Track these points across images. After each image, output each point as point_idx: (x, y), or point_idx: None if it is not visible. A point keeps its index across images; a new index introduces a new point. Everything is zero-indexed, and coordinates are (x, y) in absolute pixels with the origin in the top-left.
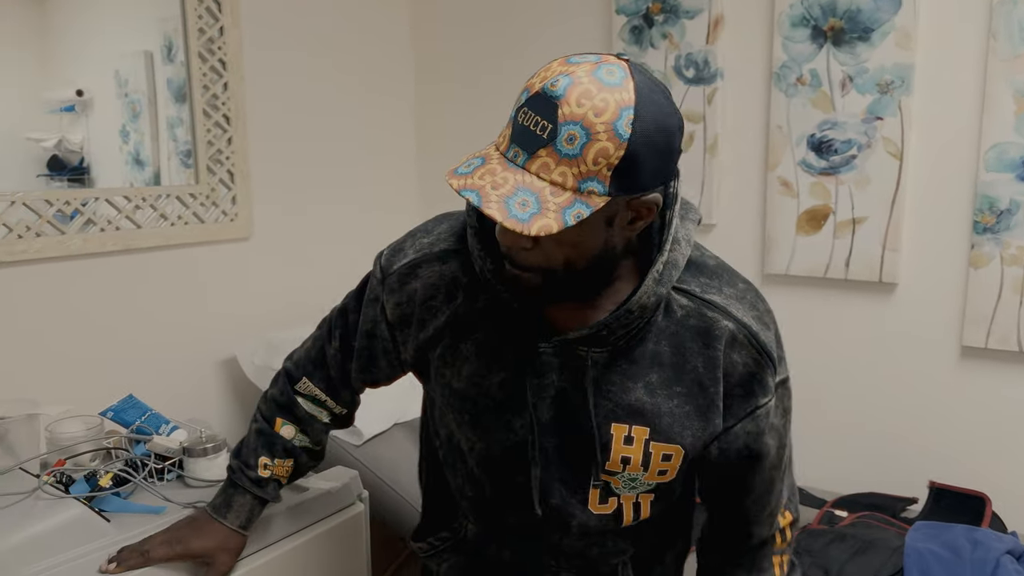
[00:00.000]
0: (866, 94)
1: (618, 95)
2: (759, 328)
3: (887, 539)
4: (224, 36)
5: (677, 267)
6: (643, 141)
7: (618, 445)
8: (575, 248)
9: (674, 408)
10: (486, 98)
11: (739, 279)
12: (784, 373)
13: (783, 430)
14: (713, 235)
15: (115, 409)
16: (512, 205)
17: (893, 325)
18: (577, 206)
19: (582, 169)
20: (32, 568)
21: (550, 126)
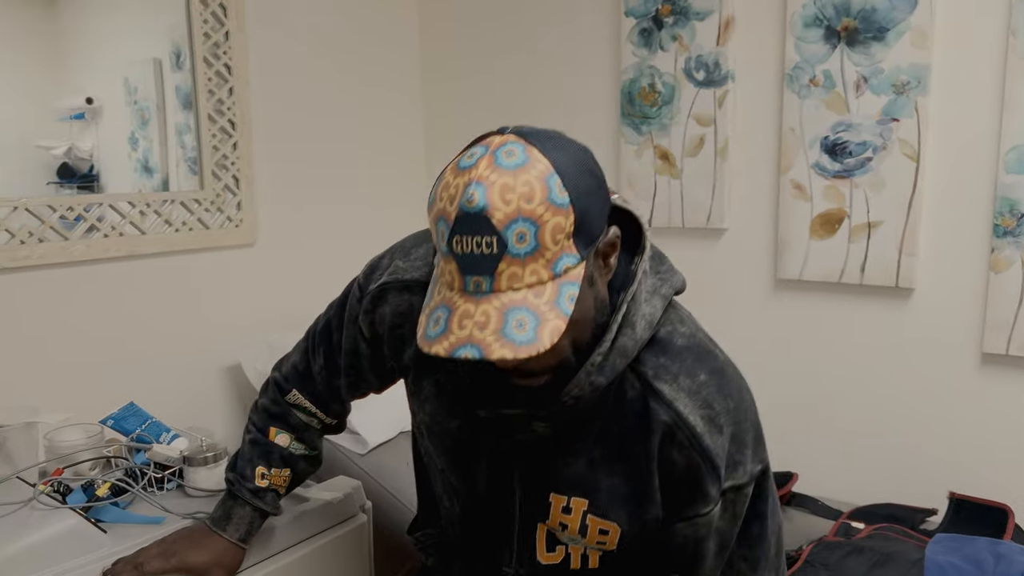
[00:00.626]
0: (881, 95)
1: (534, 170)
2: (705, 430)
3: (906, 552)
4: (229, 41)
5: (626, 354)
6: (581, 193)
7: (556, 512)
8: (576, 326)
9: (613, 487)
10: (495, 97)
11: (705, 368)
12: (741, 478)
13: (729, 533)
14: (724, 240)
15: (116, 417)
16: (511, 333)
17: (910, 331)
18: (565, 290)
19: (548, 256)
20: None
21: (494, 238)
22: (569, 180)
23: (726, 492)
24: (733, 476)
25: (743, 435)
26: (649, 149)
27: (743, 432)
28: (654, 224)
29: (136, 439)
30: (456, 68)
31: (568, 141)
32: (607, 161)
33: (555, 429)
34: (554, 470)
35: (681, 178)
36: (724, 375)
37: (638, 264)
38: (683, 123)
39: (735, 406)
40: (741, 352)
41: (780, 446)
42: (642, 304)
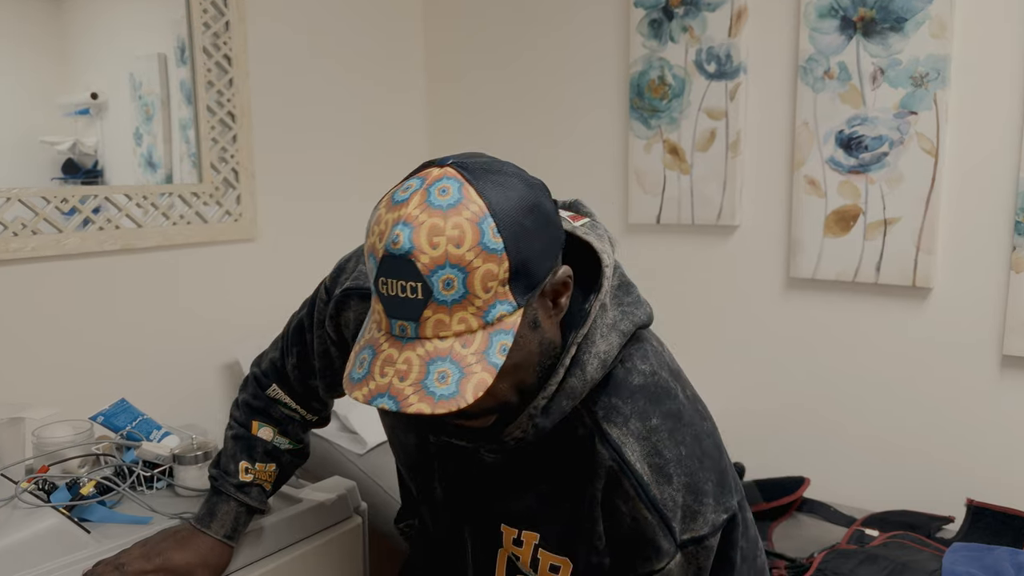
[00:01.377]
0: (899, 88)
1: (467, 211)
2: (652, 480)
3: (922, 561)
4: (229, 31)
5: (574, 396)
6: (518, 237)
7: (508, 543)
8: (518, 370)
9: (564, 522)
10: (500, 93)
11: (659, 410)
12: (701, 529)
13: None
14: (735, 238)
15: (106, 414)
16: (432, 385)
17: (927, 333)
18: (496, 340)
19: (478, 304)
20: None
21: (419, 284)
22: (506, 223)
23: (685, 545)
24: (692, 528)
25: (699, 484)
26: (658, 143)
27: (699, 481)
28: (663, 221)
29: (126, 436)
30: (461, 61)
31: (514, 176)
32: (615, 156)
33: (505, 460)
34: (504, 502)
35: (691, 173)
36: (679, 419)
37: (593, 305)
38: (693, 117)
39: (687, 453)
40: (752, 353)
41: (791, 450)
42: (597, 341)
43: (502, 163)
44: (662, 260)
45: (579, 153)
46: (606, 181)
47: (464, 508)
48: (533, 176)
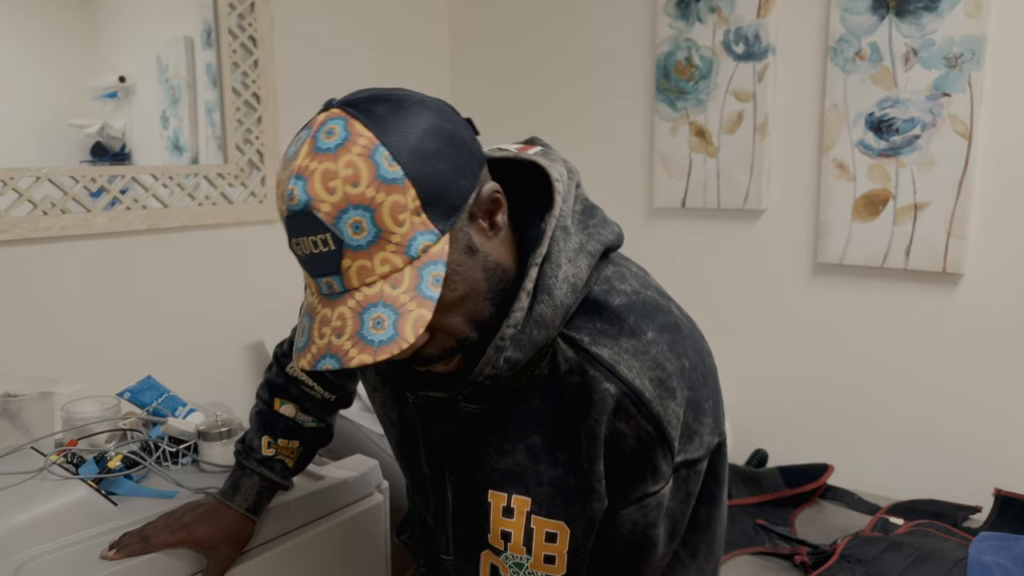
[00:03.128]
0: (932, 69)
1: (356, 147)
2: (655, 395)
3: (947, 550)
4: (255, 12)
5: (545, 324)
6: (419, 161)
7: (496, 516)
8: (467, 301)
9: (557, 478)
10: (524, 75)
11: (653, 325)
12: (696, 451)
13: (681, 516)
14: (762, 222)
15: (132, 390)
16: (369, 334)
17: (958, 319)
18: (427, 272)
19: (396, 240)
20: (32, 550)
21: (327, 235)
22: (401, 150)
23: (679, 468)
24: (687, 449)
25: (701, 401)
26: (684, 126)
27: (701, 398)
28: (688, 205)
29: (152, 412)
30: (486, 42)
31: (404, 100)
32: (640, 139)
33: (488, 412)
34: (491, 462)
35: (718, 156)
36: (678, 331)
37: (548, 223)
38: (721, 99)
39: (691, 366)
40: (778, 339)
41: (816, 437)
42: (563, 265)
43: (395, 90)
44: (687, 245)
45: (604, 135)
46: (631, 164)
47: (450, 477)
48: (435, 98)
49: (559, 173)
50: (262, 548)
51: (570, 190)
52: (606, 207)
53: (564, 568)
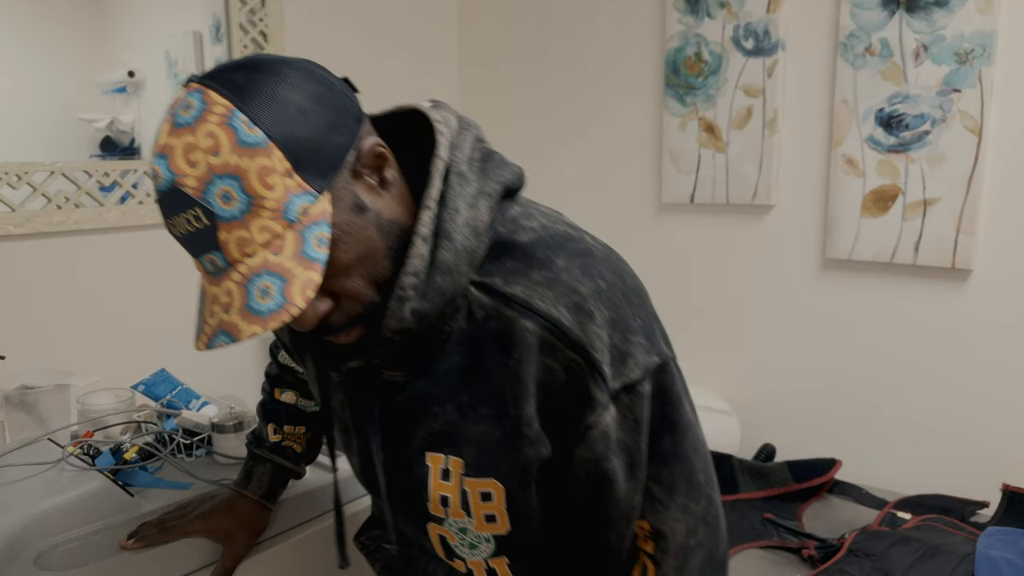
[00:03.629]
0: (942, 64)
1: (213, 116)
2: (574, 320)
3: (955, 544)
4: (266, 7)
5: (449, 270)
6: (281, 122)
7: (436, 480)
8: (364, 261)
9: (482, 434)
10: (533, 71)
11: (563, 253)
12: (632, 373)
13: (636, 447)
14: (770, 217)
15: (146, 383)
16: (256, 305)
17: (966, 315)
18: (310, 234)
19: (271, 206)
20: (51, 540)
21: (198, 209)
22: (260, 112)
23: (618, 395)
24: (622, 373)
25: (626, 319)
26: (694, 121)
27: (625, 316)
28: (697, 200)
29: (166, 405)
30: (494, 49)
31: (265, 64)
32: (649, 134)
33: (411, 378)
34: (423, 426)
35: (727, 152)
36: (590, 255)
37: (435, 164)
38: (730, 94)
39: (608, 286)
40: (786, 334)
41: (824, 431)
42: (461, 210)
43: (257, 56)
44: (696, 240)
45: (613, 131)
46: (640, 160)
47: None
48: (300, 58)
49: (443, 117)
50: (276, 539)
51: (464, 138)
52: (615, 202)
53: (507, 525)
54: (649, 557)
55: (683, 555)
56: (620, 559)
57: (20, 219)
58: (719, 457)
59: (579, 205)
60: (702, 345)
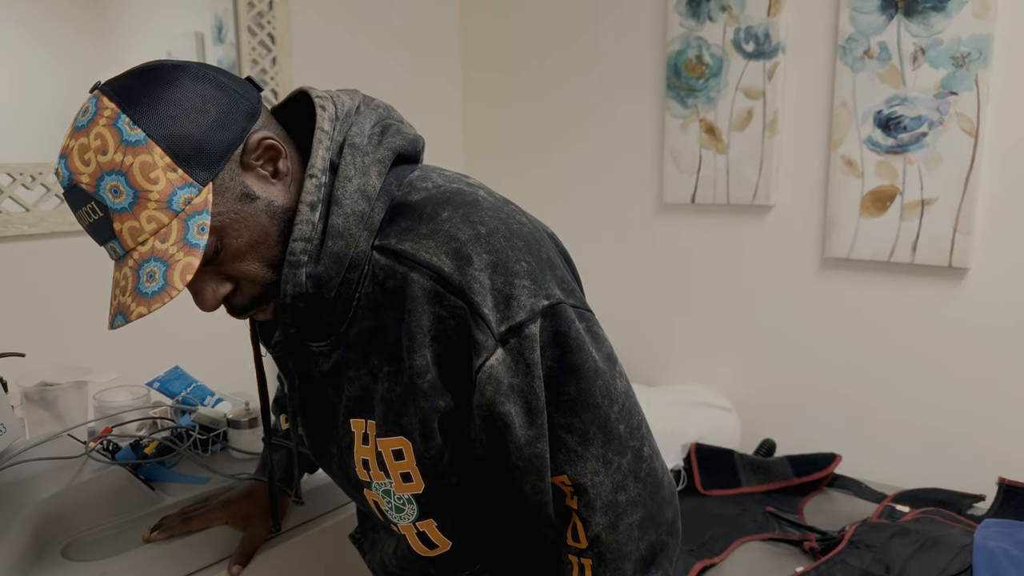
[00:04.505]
0: (939, 68)
1: (102, 119)
2: (455, 265)
3: (953, 536)
4: (273, 10)
5: (341, 235)
6: (162, 121)
7: (359, 445)
8: (257, 247)
9: (387, 392)
10: (536, 73)
11: (449, 206)
12: (517, 315)
13: (530, 391)
14: (771, 217)
15: (161, 380)
16: (143, 287)
17: (962, 313)
18: (192, 222)
19: (155, 198)
20: (76, 532)
21: (93, 202)
22: (143, 113)
23: (505, 338)
24: (507, 316)
25: (508, 263)
26: (695, 123)
27: (508, 260)
28: (698, 200)
29: (181, 401)
30: (498, 54)
31: (158, 70)
32: (651, 135)
33: (333, 346)
34: (346, 393)
35: (727, 153)
36: (475, 205)
37: (315, 136)
38: (731, 96)
39: (489, 231)
40: (785, 332)
41: (823, 428)
42: (352, 177)
43: (155, 62)
44: (697, 240)
45: (616, 133)
46: (642, 160)
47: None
48: (196, 63)
49: (332, 95)
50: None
51: (365, 117)
52: (618, 202)
53: (422, 483)
54: (576, 514)
55: (614, 512)
56: (546, 515)
57: (35, 219)
58: (721, 451)
59: (582, 205)
60: (703, 342)
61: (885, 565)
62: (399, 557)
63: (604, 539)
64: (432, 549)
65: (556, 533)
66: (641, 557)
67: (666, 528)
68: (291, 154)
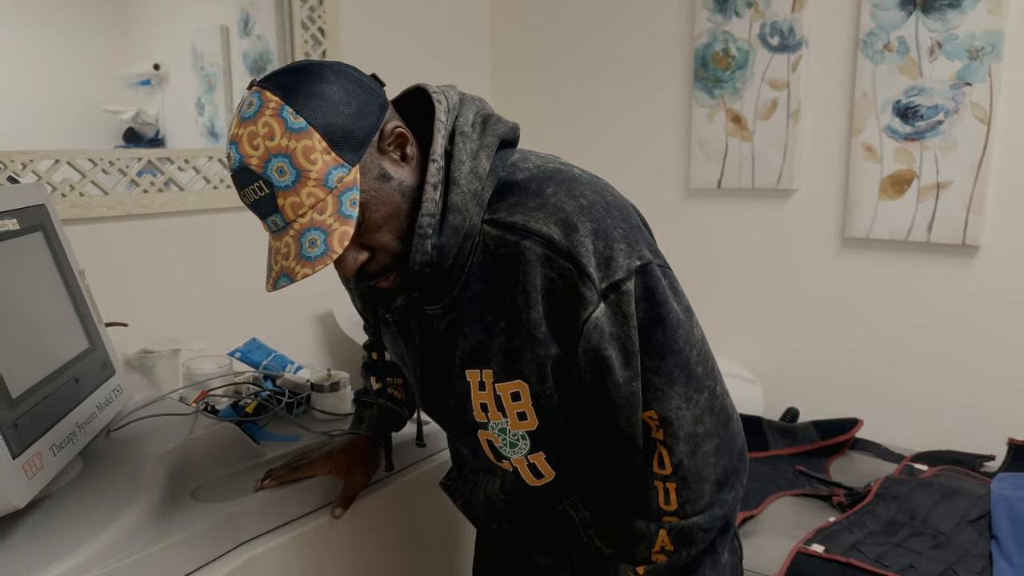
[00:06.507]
0: (955, 60)
1: (268, 111)
2: (562, 234)
3: (971, 487)
4: (324, 5)
5: (459, 210)
6: (318, 111)
7: (476, 392)
8: (391, 221)
9: (504, 344)
10: (567, 70)
11: (552, 183)
12: (616, 274)
13: (627, 338)
14: (793, 200)
15: (242, 350)
16: (306, 252)
17: (975, 288)
18: (345, 197)
19: (315, 176)
20: (201, 479)
21: (260, 181)
22: (302, 104)
23: (606, 293)
24: (608, 274)
25: (608, 229)
26: (721, 112)
27: (607, 227)
28: (724, 185)
29: (265, 368)
30: (528, 53)
31: (308, 67)
32: (678, 123)
33: (447, 308)
34: (460, 348)
35: (752, 140)
36: (576, 181)
37: (435, 126)
38: (756, 87)
39: (590, 203)
40: (808, 308)
41: (843, 398)
42: (465, 161)
43: (303, 61)
44: (722, 222)
45: (644, 122)
46: (670, 148)
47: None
48: (336, 61)
49: (442, 91)
50: (383, 484)
51: (468, 108)
52: (646, 187)
53: (536, 420)
54: (662, 444)
55: (693, 441)
56: (636, 446)
57: (113, 202)
58: (749, 419)
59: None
60: (728, 319)
61: (910, 513)
62: (506, 491)
63: (686, 464)
64: (539, 479)
65: (643, 460)
66: (716, 479)
67: (736, 455)
68: (414, 141)
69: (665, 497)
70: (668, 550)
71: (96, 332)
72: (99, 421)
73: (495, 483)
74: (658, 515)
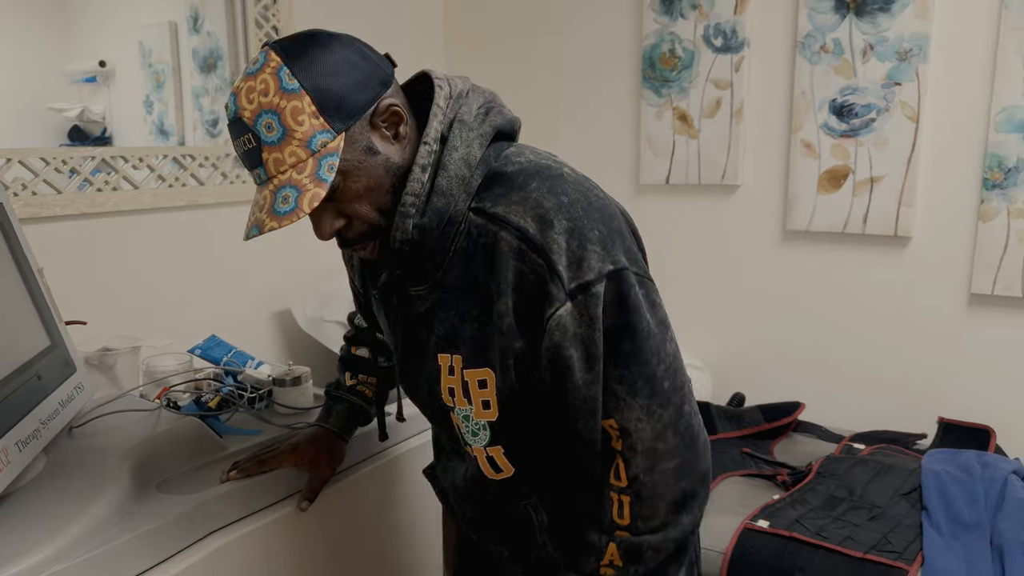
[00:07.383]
0: (886, 61)
1: (268, 69)
2: (538, 228)
3: (904, 463)
4: (277, 4)
5: (444, 193)
6: (314, 77)
7: (445, 376)
8: (371, 193)
9: (475, 332)
10: (519, 70)
11: (538, 178)
12: (586, 275)
13: (591, 341)
14: (737, 195)
15: (202, 347)
16: (278, 207)
17: (907, 276)
18: (324, 161)
19: (299, 137)
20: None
21: (250, 134)
22: (301, 67)
23: (574, 293)
24: (578, 274)
25: (584, 230)
26: (668, 111)
27: (583, 228)
28: (672, 181)
29: (226, 365)
30: (481, 47)
31: (318, 35)
32: (627, 122)
33: (428, 290)
34: (436, 330)
35: (699, 138)
36: (562, 179)
37: (432, 111)
38: (701, 87)
39: (570, 201)
40: (753, 297)
41: (786, 383)
42: (458, 147)
43: (317, 30)
44: (670, 217)
45: (595, 120)
46: (620, 145)
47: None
48: (349, 35)
49: (447, 78)
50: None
51: (474, 98)
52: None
53: (497, 411)
54: (620, 455)
55: (652, 456)
56: (595, 452)
57: (66, 200)
58: (699, 404)
59: None
60: (676, 309)
61: (849, 489)
62: (467, 480)
63: (642, 479)
64: (497, 473)
65: (601, 469)
66: (674, 500)
67: (699, 478)
68: (410, 122)
69: (619, 510)
70: (617, 565)
71: (56, 330)
72: (62, 418)
73: (460, 469)
74: (611, 528)
